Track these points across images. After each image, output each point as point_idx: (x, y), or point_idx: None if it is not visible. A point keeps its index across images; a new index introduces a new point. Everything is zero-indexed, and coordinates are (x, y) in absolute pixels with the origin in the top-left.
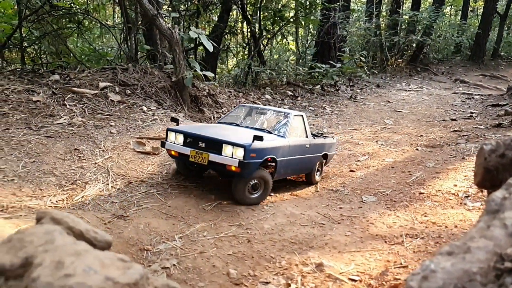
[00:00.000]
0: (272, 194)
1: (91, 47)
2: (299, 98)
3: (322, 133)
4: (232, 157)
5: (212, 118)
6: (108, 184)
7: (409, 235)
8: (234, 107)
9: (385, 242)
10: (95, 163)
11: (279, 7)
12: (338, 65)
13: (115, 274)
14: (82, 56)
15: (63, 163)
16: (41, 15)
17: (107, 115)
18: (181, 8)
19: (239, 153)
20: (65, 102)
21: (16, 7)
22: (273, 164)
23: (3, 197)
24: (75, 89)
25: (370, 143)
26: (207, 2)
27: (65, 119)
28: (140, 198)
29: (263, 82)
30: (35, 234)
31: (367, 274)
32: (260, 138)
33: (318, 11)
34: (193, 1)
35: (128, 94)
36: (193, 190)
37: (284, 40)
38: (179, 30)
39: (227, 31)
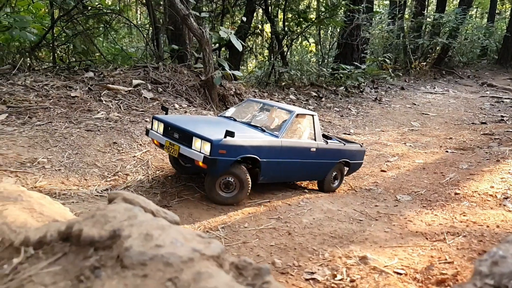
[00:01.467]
0: (306, 191)
1: (117, 46)
2: (323, 99)
3: (344, 139)
4: (200, 152)
5: None
6: (148, 176)
7: (450, 233)
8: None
9: (426, 238)
10: (134, 156)
11: (303, 8)
12: (363, 66)
13: (200, 247)
14: (109, 56)
15: (104, 156)
16: (74, 15)
17: (141, 111)
18: (204, 9)
19: (207, 148)
20: (101, 98)
21: (45, 8)
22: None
23: (54, 185)
24: (110, 85)
25: (399, 145)
26: (232, 3)
27: (102, 114)
28: (180, 190)
29: (286, 82)
30: (116, 211)
31: (412, 268)
32: (231, 134)
33: (342, 12)
34: (217, 2)
35: (160, 91)
36: None
37: (305, 41)
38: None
39: (250, 31)
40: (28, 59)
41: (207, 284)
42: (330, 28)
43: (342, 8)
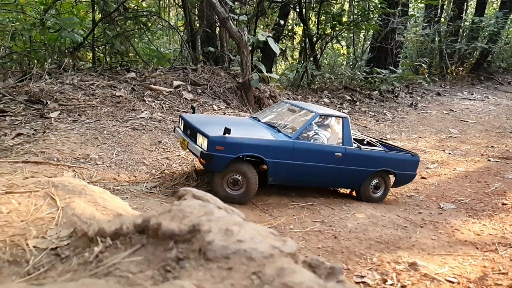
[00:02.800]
0: (348, 196)
1: (152, 48)
2: (357, 103)
3: (396, 146)
4: (200, 147)
5: None
6: (193, 175)
7: (502, 244)
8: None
9: (477, 248)
10: (179, 155)
11: (338, 11)
12: (399, 71)
13: (278, 244)
14: (145, 56)
15: (150, 154)
16: (116, 17)
17: (182, 111)
18: (237, 12)
19: (205, 143)
20: (144, 98)
21: (85, 10)
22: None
23: (107, 181)
24: (152, 86)
25: (437, 152)
26: (266, 6)
27: (146, 113)
28: None
29: (319, 85)
30: (192, 206)
31: (465, 277)
32: (228, 131)
33: (377, 15)
34: (251, 4)
35: (199, 93)
36: (273, 186)
37: (337, 44)
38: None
39: (284, 34)
40: (70, 59)
41: (292, 279)
42: (363, 31)
43: (378, 11)
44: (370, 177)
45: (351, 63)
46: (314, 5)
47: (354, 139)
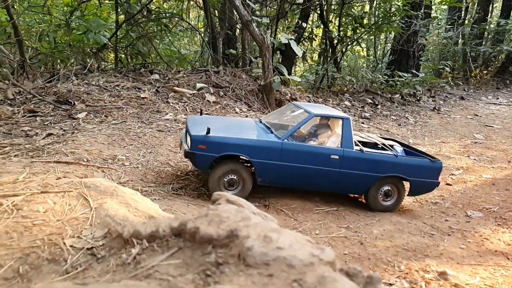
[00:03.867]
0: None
1: (173, 49)
2: (379, 106)
3: (419, 151)
4: (187, 146)
5: None
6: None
7: None
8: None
9: (508, 259)
10: None
11: (360, 13)
12: (421, 74)
13: (316, 252)
14: (166, 58)
15: (175, 155)
16: (140, 19)
17: (205, 114)
18: (257, 14)
19: (189, 142)
20: (168, 100)
21: (108, 12)
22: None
23: (135, 182)
24: (176, 88)
25: (462, 158)
26: (287, 8)
27: (170, 115)
28: (249, 194)
29: (340, 88)
30: (228, 211)
31: None
32: (208, 131)
33: (399, 18)
34: (271, 6)
35: (221, 95)
36: (297, 191)
37: (358, 47)
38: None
39: (305, 36)
40: (94, 60)
41: None
42: (384, 33)
43: (400, 13)
44: (378, 183)
45: (371, 66)
46: (335, 7)
47: (363, 142)
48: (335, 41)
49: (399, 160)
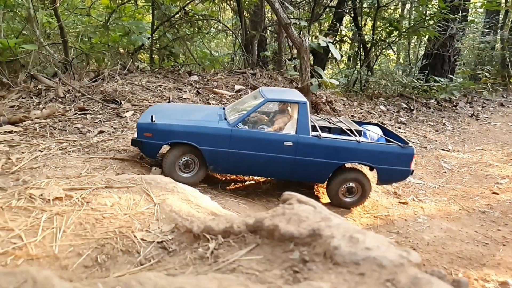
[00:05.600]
0: (423, 206)
1: (205, 51)
2: (414, 112)
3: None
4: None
5: None
6: (263, 178)
7: None
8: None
9: None
10: None
11: (395, 17)
12: (459, 79)
13: (403, 253)
14: (200, 59)
15: None
16: (177, 20)
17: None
18: (292, 16)
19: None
20: (209, 101)
21: (143, 14)
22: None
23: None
24: (216, 90)
25: (506, 166)
26: (320, 11)
27: None
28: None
29: (373, 92)
30: (306, 211)
31: None
32: (152, 119)
33: (436, 21)
34: (304, 8)
35: None
36: None
37: (389, 50)
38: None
39: (338, 39)
40: (131, 60)
41: None
42: (417, 37)
43: (437, 16)
44: (339, 172)
45: (403, 70)
46: (370, 10)
47: (328, 128)
48: (368, 44)
49: (361, 146)
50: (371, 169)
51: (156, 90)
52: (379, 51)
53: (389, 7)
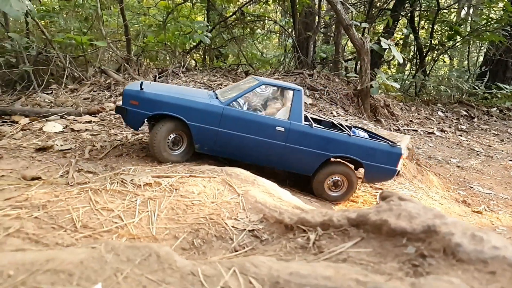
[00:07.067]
0: (498, 217)
1: (254, 52)
2: (475, 120)
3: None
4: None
5: (390, 129)
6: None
7: None
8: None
9: None
10: None
11: (456, 20)
12: None
13: None
14: (251, 60)
15: None
16: (233, 21)
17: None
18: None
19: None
20: None
21: (196, 13)
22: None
23: None
24: None
25: None
26: (376, 13)
27: None
28: (360, 193)
29: (430, 97)
30: (416, 208)
31: None
32: (142, 86)
33: (502, 25)
34: (359, 10)
35: (317, 98)
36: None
37: (445, 55)
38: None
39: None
40: (186, 59)
41: None
42: (478, 42)
43: (504, 20)
44: (326, 165)
45: (459, 76)
46: (428, 14)
47: (318, 120)
48: (425, 48)
49: (352, 140)
50: (356, 167)
51: (218, 88)
52: (437, 56)
53: (452, 10)
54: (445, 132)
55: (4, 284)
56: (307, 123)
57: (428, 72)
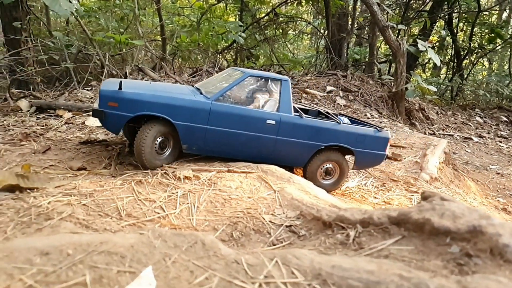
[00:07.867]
0: None
1: (286, 53)
2: None
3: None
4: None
5: (425, 133)
6: (362, 181)
7: None
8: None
9: None
10: None
11: (498, 23)
12: None
13: None
14: (282, 61)
15: None
16: (266, 22)
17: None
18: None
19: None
20: (301, 100)
21: (228, 15)
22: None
23: None
24: (308, 90)
25: None
26: (413, 15)
27: None
28: (395, 195)
29: (468, 102)
30: (461, 208)
31: None
32: (121, 86)
33: None
34: (395, 12)
35: (351, 99)
36: None
37: (485, 59)
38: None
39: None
40: (219, 59)
41: None
42: None
43: None
44: (318, 155)
45: (498, 80)
46: (467, 16)
47: (305, 110)
48: (464, 52)
49: (342, 128)
50: (344, 155)
51: None
52: (476, 59)
53: (491, 11)
54: (484, 138)
55: (64, 261)
56: (297, 114)
57: (465, 76)
